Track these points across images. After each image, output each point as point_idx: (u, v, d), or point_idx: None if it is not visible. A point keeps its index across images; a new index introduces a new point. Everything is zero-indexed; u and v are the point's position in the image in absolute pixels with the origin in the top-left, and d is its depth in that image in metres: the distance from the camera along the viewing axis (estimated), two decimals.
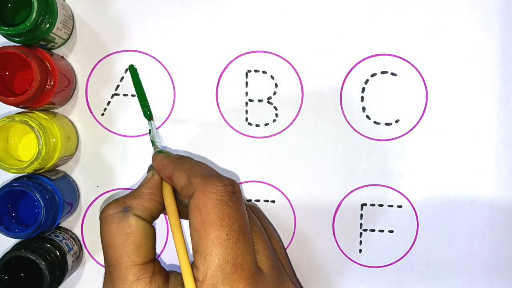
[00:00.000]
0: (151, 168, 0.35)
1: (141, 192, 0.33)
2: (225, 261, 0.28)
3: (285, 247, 0.40)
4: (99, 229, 0.32)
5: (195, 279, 0.29)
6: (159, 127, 0.39)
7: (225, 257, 0.28)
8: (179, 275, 0.30)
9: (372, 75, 0.39)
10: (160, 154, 0.35)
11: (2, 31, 0.33)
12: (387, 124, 0.39)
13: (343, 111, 0.39)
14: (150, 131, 0.39)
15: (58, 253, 0.37)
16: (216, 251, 0.28)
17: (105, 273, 0.32)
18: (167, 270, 0.32)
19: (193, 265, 0.29)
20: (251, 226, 0.32)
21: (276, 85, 0.39)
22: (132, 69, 0.39)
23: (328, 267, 0.40)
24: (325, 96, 0.39)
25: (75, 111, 0.40)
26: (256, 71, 0.39)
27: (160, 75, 0.39)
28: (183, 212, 0.32)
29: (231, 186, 0.30)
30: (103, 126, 0.40)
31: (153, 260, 0.32)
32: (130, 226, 0.31)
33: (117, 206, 0.32)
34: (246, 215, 0.31)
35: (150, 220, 0.33)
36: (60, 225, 0.40)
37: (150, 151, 0.39)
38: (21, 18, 0.35)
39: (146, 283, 0.30)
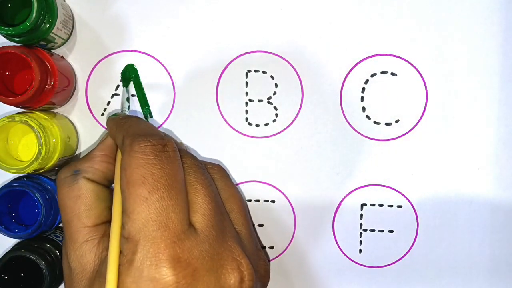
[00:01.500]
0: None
1: (92, 155, 0.34)
2: (147, 219, 0.28)
3: (285, 247, 0.40)
4: None
5: (122, 237, 0.29)
6: (159, 127, 0.39)
7: (147, 214, 0.28)
8: None
9: (372, 75, 0.39)
10: (110, 117, 0.36)
11: (2, 31, 0.33)
12: (387, 124, 0.39)
13: (343, 111, 0.39)
14: (125, 95, 0.38)
15: (58, 253, 0.37)
16: (138, 209, 0.28)
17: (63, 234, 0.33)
18: None
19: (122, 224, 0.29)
20: (194, 185, 0.31)
21: (276, 85, 0.39)
22: (132, 69, 0.39)
23: (328, 267, 0.40)
24: (325, 96, 0.39)
25: (75, 111, 0.40)
26: (256, 71, 0.39)
27: (160, 75, 0.39)
28: None
29: (160, 145, 0.30)
30: (103, 126, 0.40)
31: (106, 222, 0.32)
32: (79, 189, 0.32)
33: (68, 170, 0.33)
34: (178, 173, 0.30)
35: (103, 182, 0.33)
36: (60, 225, 0.40)
37: None
38: (21, 18, 0.35)
39: (94, 245, 0.31)
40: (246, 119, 0.40)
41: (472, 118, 0.39)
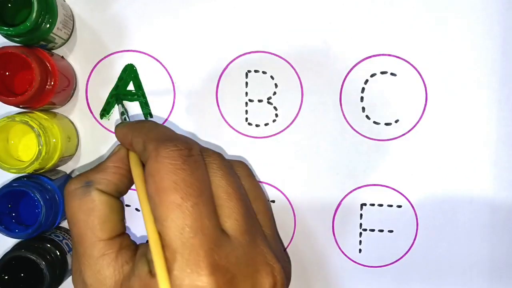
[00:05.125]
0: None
1: (104, 166, 0.32)
2: (183, 226, 0.27)
3: (285, 247, 0.40)
4: None
5: None
6: None
7: (183, 221, 0.27)
8: (146, 245, 0.29)
9: (372, 75, 0.39)
10: (120, 124, 0.34)
11: (2, 31, 0.33)
12: (387, 124, 0.39)
13: (343, 111, 0.39)
14: (120, 109, 0.39)
15: (58, 253, 0.37)
16: (173, 216, 0.27)
17: (72, 251, 0.31)
18: (137, 243, 0.31)
19: None
20: (224, 187, 0.30)
21: (276, 85, 0.39)
22: (132, 69, 0.39)
23: (328, 267, 0.40)
24: (325, 96, 0.39)
25: (75, 111, 0.40)
26: (256, 71, 0.39)
27: (160, 75, 0.39)
28: None
29: (187, 150, 0.29)
30: (103, 126, 0.40)
31: (121, 235, 0.31)
32: (92, 201, 0.30)
33: (79, 181, 0.31)
34: (206, 178, 0.29)
35: (115, 195, 0.32)
36: (60, 225, 0.40)
37: None
38: (21, 18, 0.35)
39: (112, 259, 0.29)
40: (246, 119, 0.40)
41: (472, 118, 0.39)
